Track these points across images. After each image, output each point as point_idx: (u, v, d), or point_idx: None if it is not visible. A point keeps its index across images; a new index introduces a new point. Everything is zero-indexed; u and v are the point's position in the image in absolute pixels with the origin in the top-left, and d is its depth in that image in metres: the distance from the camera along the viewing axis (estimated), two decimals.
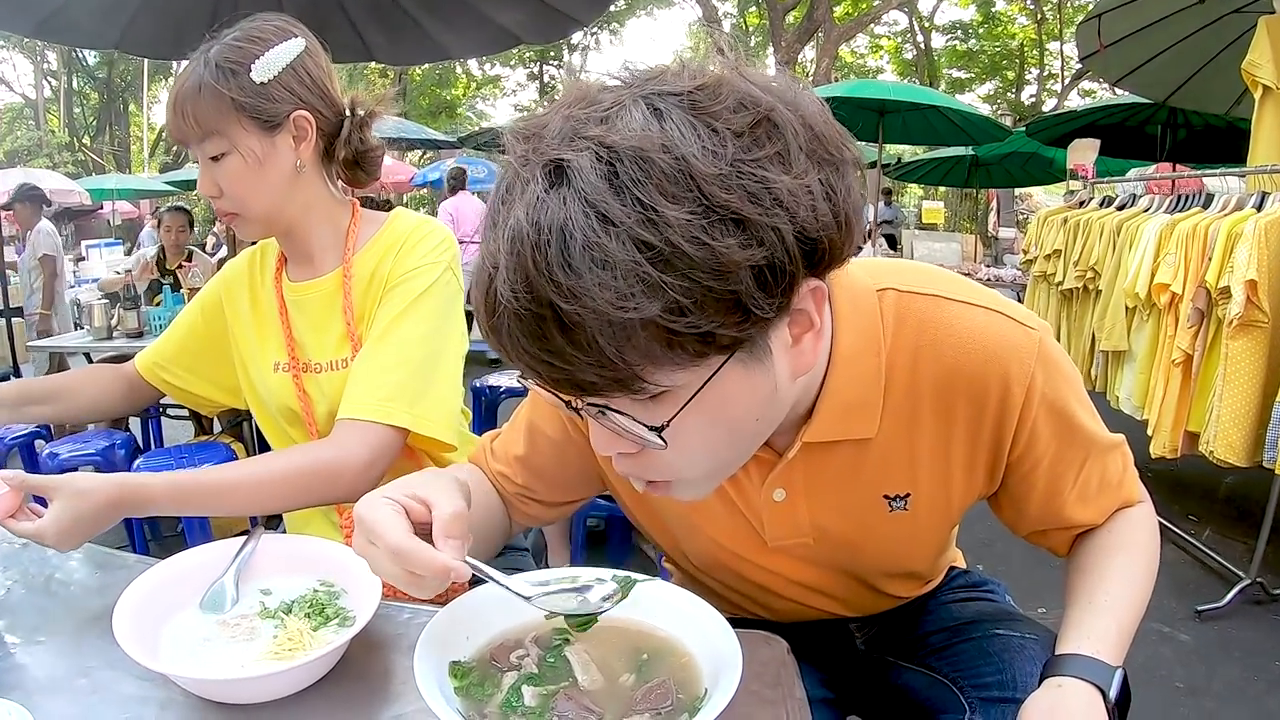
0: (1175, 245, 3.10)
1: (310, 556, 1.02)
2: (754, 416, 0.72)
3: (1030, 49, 22.82)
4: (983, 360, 0.81)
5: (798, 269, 0.62)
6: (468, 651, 0.81)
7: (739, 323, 0.60)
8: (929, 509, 0.91)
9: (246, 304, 1.39)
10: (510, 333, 0.61)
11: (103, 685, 0.87)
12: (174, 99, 1.20)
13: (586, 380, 0.61)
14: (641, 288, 0.56)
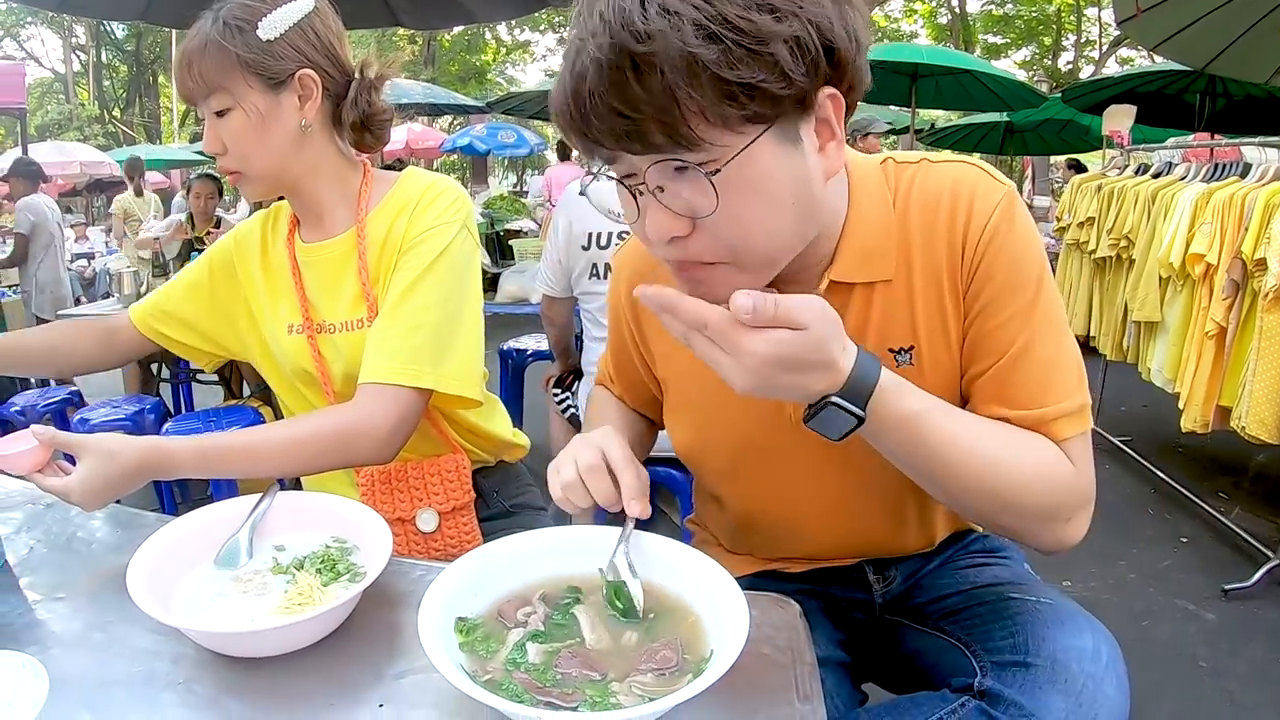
0: (1211, 215, 3.02)
1: (324, 513, 1.03)
2: (790, 198, 0.79)
3: (1068, 15, 22.37)
4: (953, 199, 0.90)
5: (819, 57, 0.74)
6: (475, 608, 0.82)
7: (779, 84, 0.71)
8: (932, 366, 0.93)
9: (258, 266, 1.39)
10: (594, 93, 0.72)
11: (118, 639, 0.89)
12: (181, 55, 1.21)
13: (652, 134, 0.72)
14: (702, 36, 0.69)
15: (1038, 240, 0.91)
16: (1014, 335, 0.88)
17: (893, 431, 0.79)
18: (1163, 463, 3.97)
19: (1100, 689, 0.84)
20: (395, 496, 1.30)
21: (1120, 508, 3.65)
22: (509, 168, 24.56)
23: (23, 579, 1.03)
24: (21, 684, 0.74)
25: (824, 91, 0.77)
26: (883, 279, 0.91)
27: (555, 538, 0.91)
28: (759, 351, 0.69)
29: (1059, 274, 4.56)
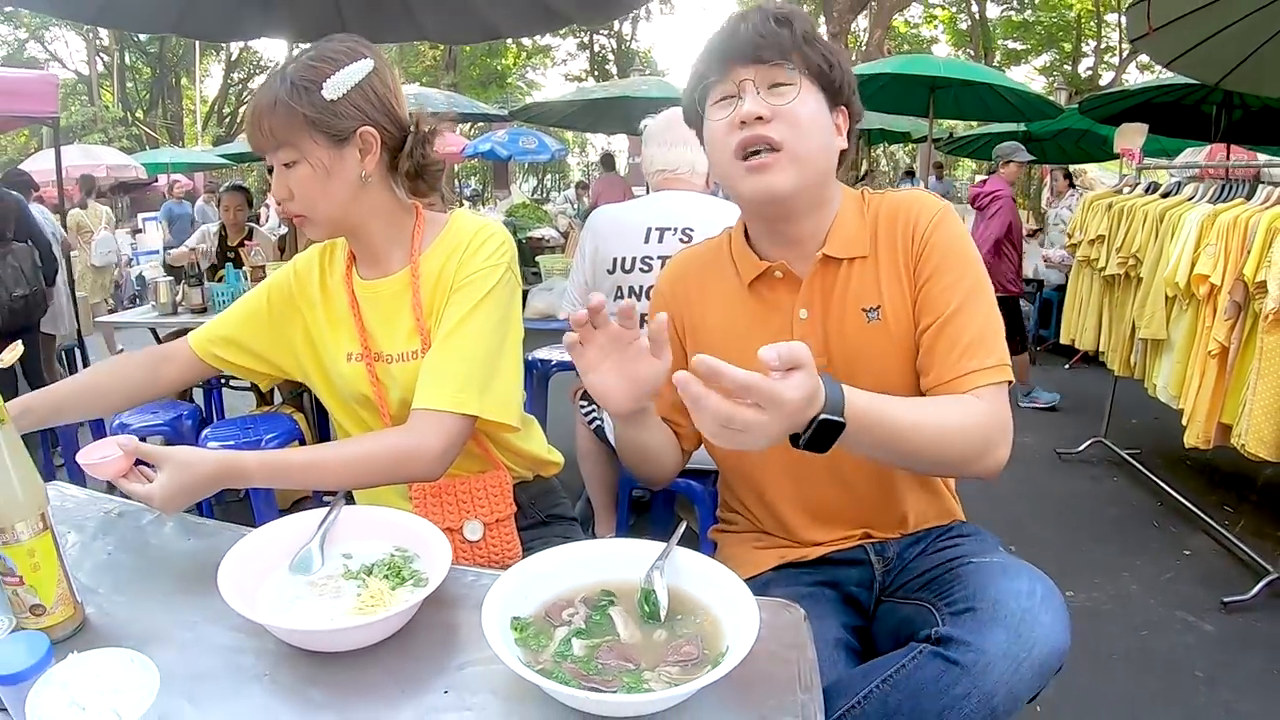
0: (1216, 236, 3.10)
1: (385, 525, 1.16)
2: (824, 142, 1.21)
3: (1087, 20, 22.28)
4: (908, 207, 1.26)
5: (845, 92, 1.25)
6: (526, 609, 0.95)
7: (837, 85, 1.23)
8: (894, 320, 1.23)
9: (318, 298, 1.50)
10: (752, 24, 1.19)
11: (204, 637, 1.00)
12: (252, 111, 1.32)
13: (770, 52, 1.17)
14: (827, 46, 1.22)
15: (967, 240, 1.25)
16: (949, 299, 1.19)
17: (863, 429, 0.97)
18: (1170, 476, 4.04)
19: (1036, 620, 1.00)
20: (444, 509, 1.43)
21: (1126, 520, 3.73)
22: (529, 172, 24.70)
23: (104, 583, 1.13)
24: (131, 677, 0.82)
25: (841, 112, 1.26)
26: (859, 255, 1.25)
27: (590, 550, 1.05)
28: (793, 397, 0.86)
29: (1069, 290, 4.64)
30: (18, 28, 23.33)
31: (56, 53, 25.87)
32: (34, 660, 0.83)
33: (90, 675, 0.82)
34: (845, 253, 1.25)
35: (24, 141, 21.34)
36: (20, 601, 0.98)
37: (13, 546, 0.96)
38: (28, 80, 5.05)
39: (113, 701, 0.79)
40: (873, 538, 1.35)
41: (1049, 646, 0.99)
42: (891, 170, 18.91)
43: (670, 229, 2.36)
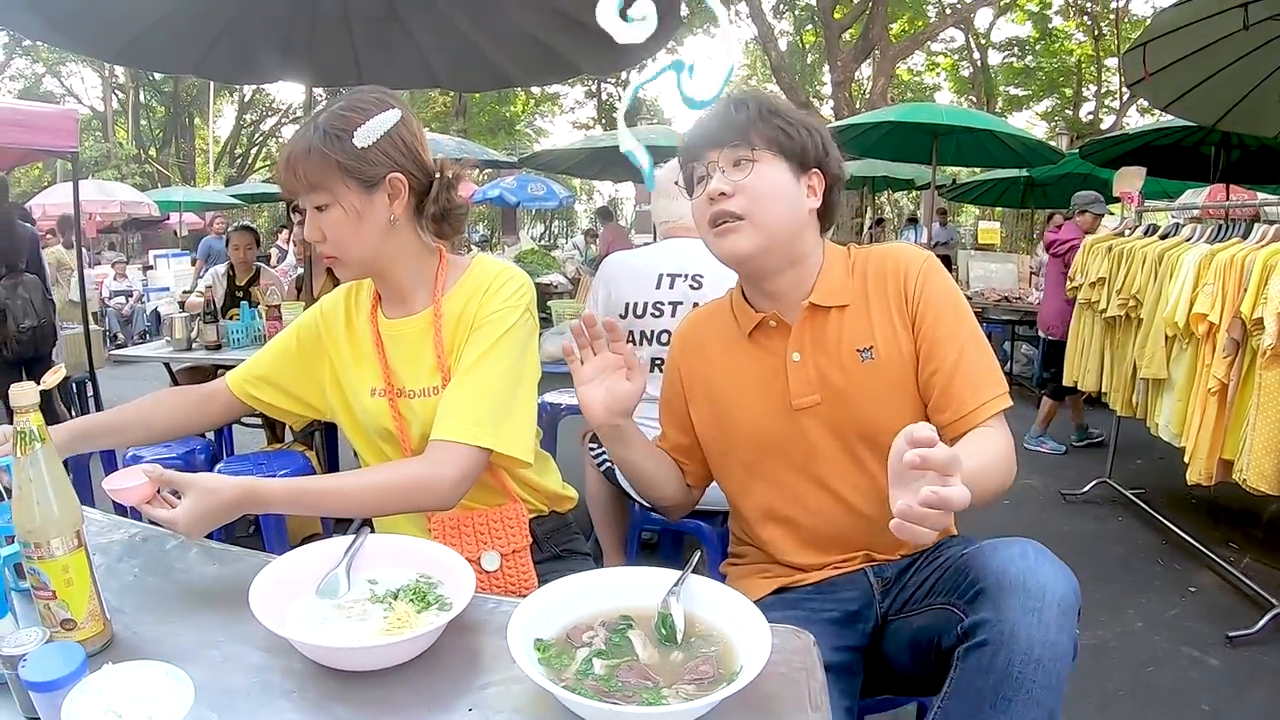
0: (1213, 275, 3.16)
1: (409, 552, 1.21)
2: (786, 205, 1.34)
3: (1088, 65, 22.55)
4: (896, 259, 1.39)
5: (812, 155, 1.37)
6: (549, 631, 1.00)
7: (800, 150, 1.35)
8: (886, 361, 1.35)
9: (344, 336, 1.57)
10: (725, 114, 1.35)
11: (232, 656, 1.03)
12: (287, 157, 1.39)
13: (731, 137, 1.33)
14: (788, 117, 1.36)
15: (953, 285, 1.39)
16: (955, 344, 1.32)
17: None
18: (1174, 514, 4.06)
19: (1037, 572, 1.07)
20: (463, 539, 1.48)
21: (1130, 559, 3.74)
22: (536, 218, 24.92)
23: (130, 603, 1.17)
24: (167, 688, 0.84)
25: (813, 174, 1.38)
26: (842, 304, 1.38)
27: (609, 578, 1.11)
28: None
29: (1072, 332, 4.69)
30: (35, 62, 23.69)
31: (72, 88, 26.22)
32: (70, 669, 0.86)
33: (126, 685, 0.84)
34: (831, 301, 1.38)
35: (37, 175, 21.61)
36: (52, 615, 1.01)
37: (47, 561, 0.99)
38: (48, 115, 5.15)
39: (149, 710, 0.82)
40: (874, 560, 1.42)
41: (1059, 589, 1.06)
42: (895, 217, 19.09)
43: (680, 275, 2.42)
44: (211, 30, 4.08)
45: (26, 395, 1.00)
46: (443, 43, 4.30)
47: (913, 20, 20.89)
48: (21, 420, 0.99)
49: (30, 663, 0.87)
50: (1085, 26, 21.66)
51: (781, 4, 20.23)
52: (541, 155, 11.58)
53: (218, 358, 4.20)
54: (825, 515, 1.41)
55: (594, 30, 3.83)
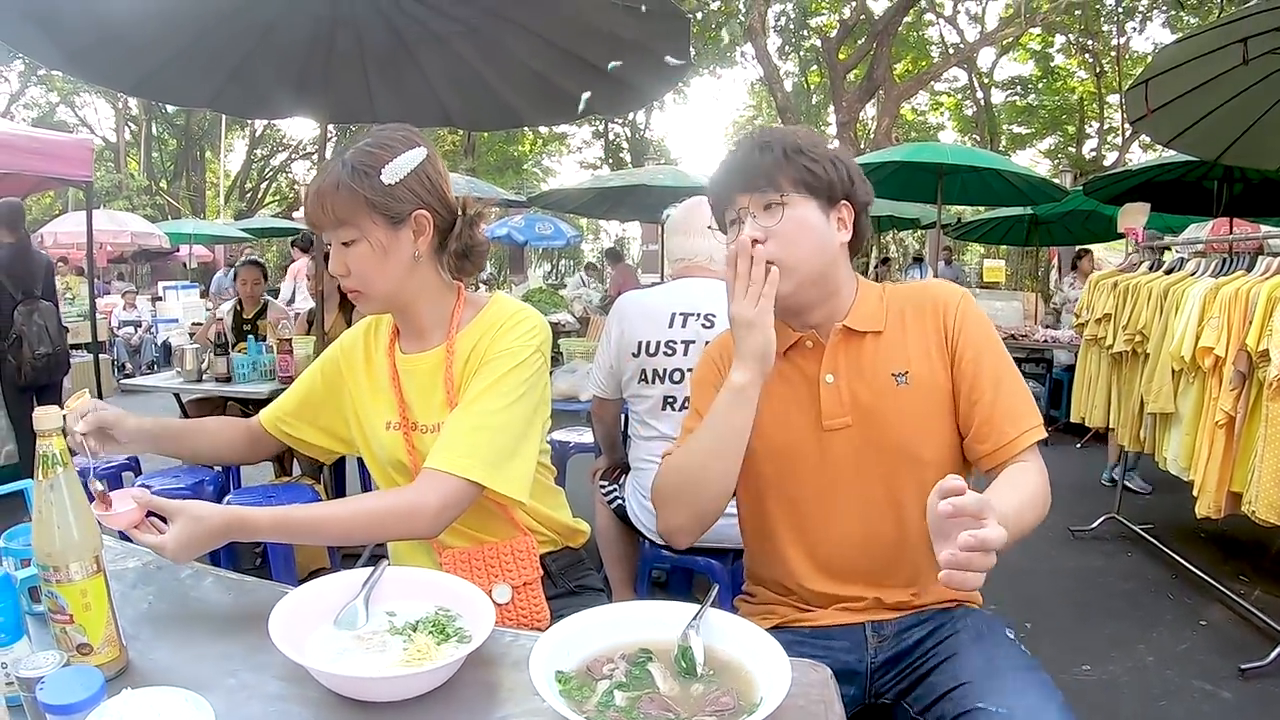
0: (1218, 309, 3.18)
1: (428, 585, 1.22)
2: (817, 245, 1.37)
3: (1090, 103, 22.72)
4: (934, 291, 1.45)
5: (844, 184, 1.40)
6: (569, 664, 1.01)
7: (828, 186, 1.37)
8: (918, 386, 1.38)
9: (362, 369, 1.60)
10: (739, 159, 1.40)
11: (249, 684, 1.03)
12: (315, 192, 1.42)
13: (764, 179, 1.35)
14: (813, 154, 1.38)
15: (988, 320, 1.44)
16: (995, 376, 1.36)
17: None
18: (1184, 548, 4.05)
19: None
20: (474, 572, 1.49)
21: (1141, 594, 3.73)
22: (543, 258, 25.07)
23: (144, 630, 1.17)
24: (186, 715, 0.85)
25: (843, 207, 1.41)
26: (875, 330, 1.42)
27: (627, 611, 1.11)
28: None
29: (1079, 368, 4.70)
30: (50, 91, 23.89)
31: (86, 118, 26.38)
32: (89, 694, 0.86)
33: (146, 711, 0.85)
34: (865, 326, 1.42)
35: (49, 203, 21.79)
36: (68, 640, 1.02)
37: (65, 585, 1.00)
38: (64, 144, 5.23)
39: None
40: (882, 606, 1.42)
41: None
42: (901, 256, 19.20)
43: (693, 314, 2.45)
44: (227, 65, 4.14)
45: (50, 419, 1.01)
46: (455, 81, 4.36)
47: (916, 61, 21.15)
48: (44, 444, 1.00)
49: (49, 686, 0.87)
50: (1087, 64, 21.85)
51: (787, 45, 20.45)
52: (550, 194, 11.66)
53: (228, 390, 4.22)
54: (842, 539, 1.42)
55: (604, 71, 3.91)
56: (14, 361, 4.41)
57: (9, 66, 20.91)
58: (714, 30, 15.59)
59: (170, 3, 3.49)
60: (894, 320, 1.43)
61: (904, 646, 1.39)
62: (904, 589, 1.42)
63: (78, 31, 3.55)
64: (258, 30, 3.91)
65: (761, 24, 14.85)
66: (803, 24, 19.91)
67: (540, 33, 3.85)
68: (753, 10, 14.94)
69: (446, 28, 3.91)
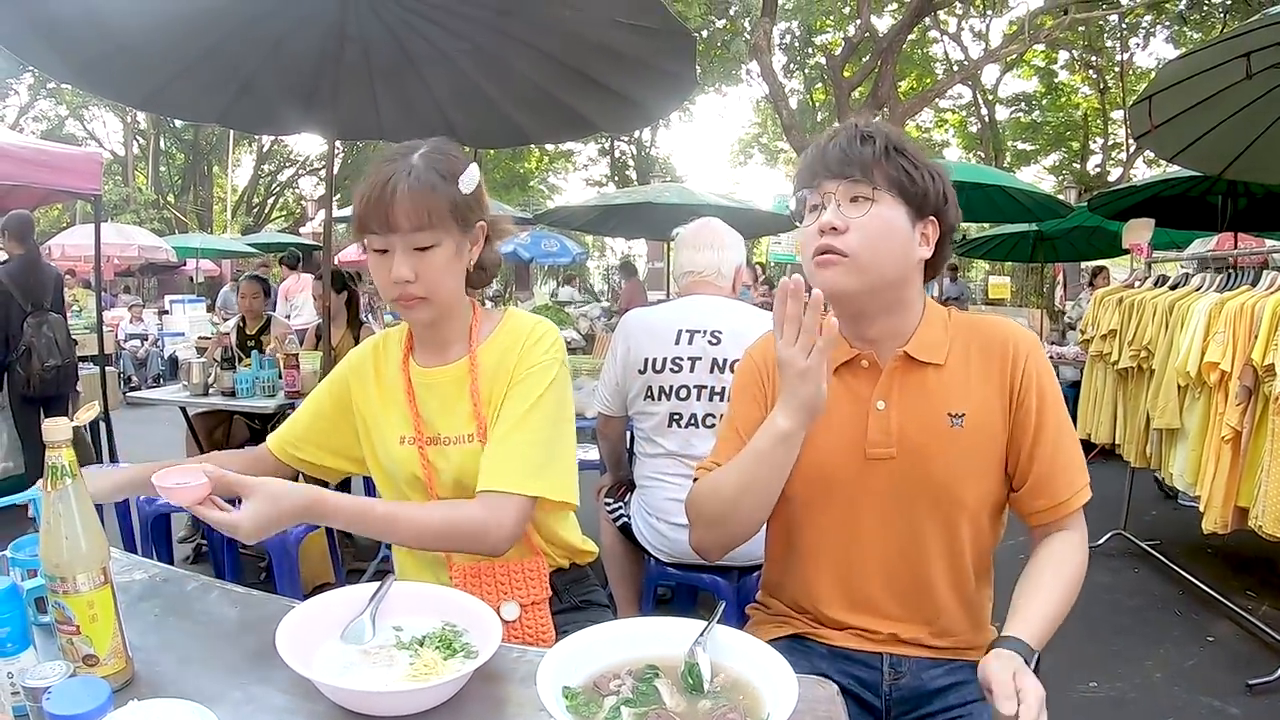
0: (1224, 324, 3.18)
1: (435, 600, 1.22)
2: (897, 251, 1.30)
3: (1094, 119, 22.76)
4: (1004, 333, 1.37)
5: (932, 202, 1.33)
6: (576, 680, 1.01)
7: (921, 195, 1.31)
8: (974, 429, 1.32)
9: (373, 385, 1.59)
10: (838, 144, 1.32)
11: (256, 697, 1.04)
12: (394, 191, 1.35)
13: (853, 170, 1.29)
14: (899, 141, 1.33)
15: (1052, 369, 1.38)
16: (1057, 428, 1.33)
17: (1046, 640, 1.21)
18: (1191, 565, 4.03)
19: None
20: (484, 588, 1.48)
21: (1148, 610, 3.71)
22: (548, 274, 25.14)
23: (150, 643, 1.17)
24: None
25: (929, 222, 1.34)
26: (936, 362, 1.34)
27: (634, 627, 1.12)
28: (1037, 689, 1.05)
29: (1084, 385, 4.70)
30: (59, 104, 24.03)
31: (94, 132, 26.47)
32: (96, 704, 0.85)
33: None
34: (926, 356, 1.35)
35: (56, 215, 21.88)
36: (74, 650, 1.02)
37: (72, 596, 1.00)
38: (73, 157, 5.25)
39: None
40: (898, 639, 1.39)
41: None
42: None
43: (699, 331, 2.47)
44: (236, 80, 4.19)
45: (60, 430, 1.01)
46: (462, 98, 4.40)
47: (921, 78, 21.22)
48: (54, 455, 1.00)
49: (55, 695, 0.87)
50: (1091, 80, 21.89)
51: (792, 63, 20.54)
52: (556, 211, 11.68)
53: (234, 404, 4.24)
54: (865, 568, 1.38)
55: (610, 89, 3.94)
56: (22, 373, 4.44)
57: (18, 79, 21.05)
58: (719, 48, 15.67)
59: (180, 18, 3.52)
60: (958, 353, 1.36)
61: (925, 689, 1.37)
62: (922, 626, 1.38)
63: (88, 45, 3.59)
64: (266, 46, 3.95)
65: (766, 42, 14.86)
66: (807, 41, 20.01)
67: (547, 50, 3.87)
68: (757, 28, 14.99)
69: (454, 45, 3.94)
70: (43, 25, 3.38)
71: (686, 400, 2.43)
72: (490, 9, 3.66)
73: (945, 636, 1.38)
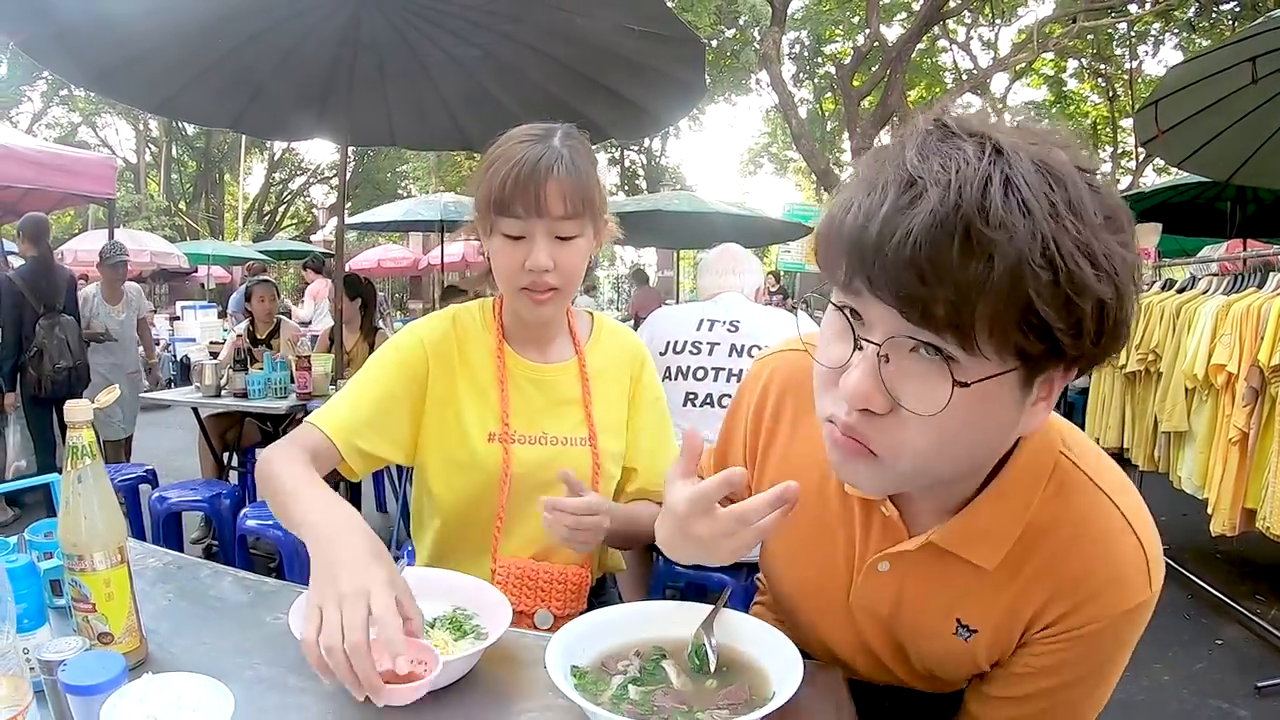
0: (1230, 326, 3.19)
1: (444, 585, 1.23)
2: (980, 439, 0.79)
3: (1104, 127, 22.71)
4: (1099, 582, 0.87)
5: (1108, 329, 0.70)
6: (584, 659, 1.03)
7: (1070, 339, 0.68)
8: (986, 649, 0.95)
9: (458, 372, 1.46)
10: (906, 242, 0.67)
11: (268, 678, 1.05)
12: (545, 173, 1.27)
13: (935, 309, 0.67)
14: (1042, 256, 0.65)
15: (1132, 644, 0.93)
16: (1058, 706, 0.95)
17: None
18: (1200, 569, 4.02)
19: None
20: (523, 593, 1.40)
21: (1157, 614, 3.59)
22: None
23: (164, 625, 1.18)
24: (206, 699, 0.86)
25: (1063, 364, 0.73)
26: (980, 564, 0.89)
27: (642, 610, 1.13)
28: None
29: (1092, 389, 4.72)
30: (72, 110, 24.20)
31: (106, 139, 26.60)
32: (110, 675, 0.86)
33: (167, 693, 0.86)
34: (967, 553, 0.91)
35: (69, 221, 22.03)
36: (90, 628, 1.03)
37: (89, 574, 1.02)
38: (88, 162, 5.31)
39: (190, 718, 0.84)
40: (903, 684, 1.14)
41: None
42: None
43: (720, 320, 2.57)
44: (250, 86, 4.25)
45: (81, 411, 1.02)
46: (474, 105, 4.45)
47: (930, 87, 21.19)
48: (74, 435, 1.02)
49: (71, 668, 0.88)
50: (1100, 88, 21.88)
51: (801, 72, 20.59)
52: None
53: (246, 405, 4.27)
54: (861, 670, 1.11)
55: (621, 96, 3.96)
56: (34, 374, 4.47)
57: (32, 86, 21.23)
58: (729, 58, 15.68)
59: (196, 26, 3.57)
60: (1009, 562, 0.90)
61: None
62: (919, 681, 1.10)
63: (106, 53, 3.65)
64: (280, 53, 4.00)
65: (776, 51, 14.91)
66: (817, 51, 20.07)
67: (557, 57, 3.92)
68: (767, 37, 15.04)
69: (466, 52, 3.98)
70: (63, 34, 3.44)
71: (703, 380, 2.50)
72: (502, 16, 3.71)
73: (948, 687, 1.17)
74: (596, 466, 1.46)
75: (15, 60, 18.44)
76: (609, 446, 1.49)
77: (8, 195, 5.95)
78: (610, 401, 1.51)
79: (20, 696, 0.84)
